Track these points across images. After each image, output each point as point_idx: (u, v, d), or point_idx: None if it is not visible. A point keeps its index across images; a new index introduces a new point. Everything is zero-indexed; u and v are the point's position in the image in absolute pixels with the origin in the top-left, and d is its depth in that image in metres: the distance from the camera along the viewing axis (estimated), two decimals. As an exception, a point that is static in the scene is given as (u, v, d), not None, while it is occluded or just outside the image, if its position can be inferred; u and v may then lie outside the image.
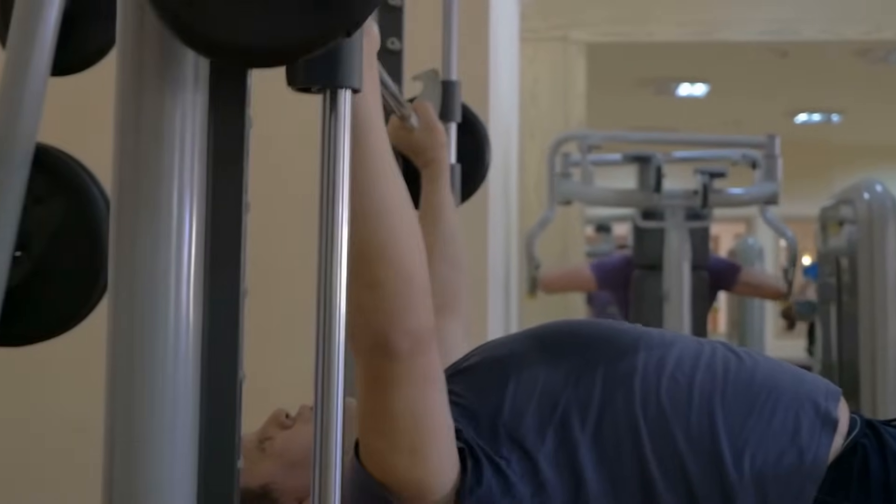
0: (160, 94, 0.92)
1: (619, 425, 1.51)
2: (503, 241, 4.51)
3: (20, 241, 1.57)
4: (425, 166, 2.14)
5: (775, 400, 1.55)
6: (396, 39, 2.24)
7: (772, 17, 6.96)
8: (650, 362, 1.57)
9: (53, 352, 1.80)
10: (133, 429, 0.90)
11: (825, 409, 1.55)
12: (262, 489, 1.62)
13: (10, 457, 1.86)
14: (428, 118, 2.13)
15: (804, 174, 9.80)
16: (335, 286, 1.00)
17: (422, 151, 2.13)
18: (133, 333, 0.85)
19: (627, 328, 1.69)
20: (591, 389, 1.54)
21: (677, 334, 1.72)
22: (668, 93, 9.82)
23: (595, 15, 6.87)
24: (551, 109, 6.71)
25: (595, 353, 1.59)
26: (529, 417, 1.52)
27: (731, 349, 1.64)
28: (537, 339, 1.68)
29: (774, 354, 1.80)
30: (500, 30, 4.10)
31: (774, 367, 1.64)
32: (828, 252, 5.68)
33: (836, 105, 10.47)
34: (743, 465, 1.49)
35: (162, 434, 0.90)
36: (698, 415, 1.52)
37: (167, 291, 0.91)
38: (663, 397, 1.53)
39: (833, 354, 5.54)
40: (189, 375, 0.92)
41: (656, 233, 5.36)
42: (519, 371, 1.57)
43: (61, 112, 1.95)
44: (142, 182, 0.92)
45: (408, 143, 2.12)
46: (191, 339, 0.92)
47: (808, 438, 1.52)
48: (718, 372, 1.57)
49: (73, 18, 1.64)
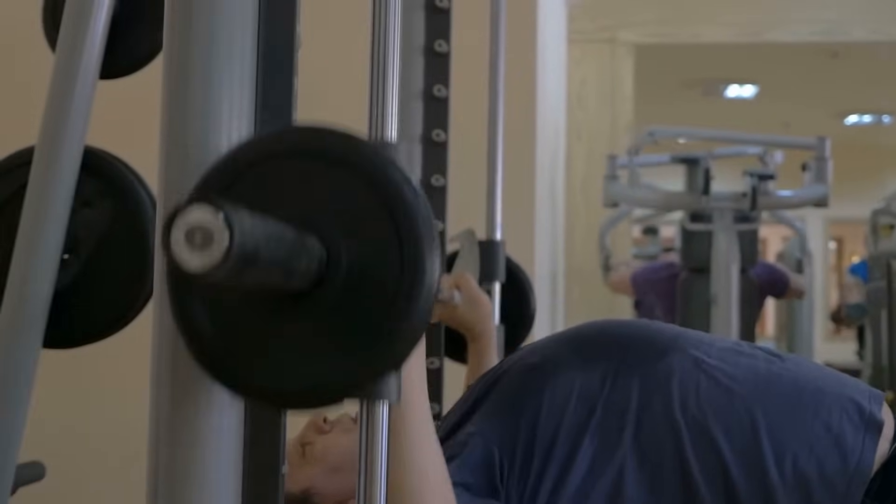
0: (206, 102, 0.92)
1: (659, 428, 1.49)
2: (549, 241, 4.50)
3: (68, 244, 1.58)
4: (473, 340, 2.11)
5: (818, 402, 1.52)
6: (444, 42, 2.23)
7: (821, 17, 6.91)
8: (687, 363, 1.54)
9: (100, 354, 1.81)
10: (177, 432, 0.90)
11: (869, 411, 1.52)
12: (304, 493, 1.62)
13: (56, 458, 1.88)
14: (471, 292, 2.09)
15: (854, 176, 9.73)
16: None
17: (469, 326, 2.10)
18: (177, 336, 0.85)
19: (664, 328, 1.66)
20: (629, 393, 1.52)
21: (714, 336, 1.70)
22: (716, 94, 9.77)
23: (643, 16, 6.85)
24: (598, 111, 6.70)
25: (631, 356, 1.57)
26: (567, 423, 1.50)
27: (770, 352, 1.62)
28: (571, 342, 1.66)
29: (823, 358, 1.78)
30: (548, 31, 4.09)
31: (815, 369, 1.61)
32: (878, 255, 5.63)
33: (887, 106, 10.37)
34: (785, 468, 1.46)
35: (207, 438, 0.90)
36: (739, 416, 1.49)
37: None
38: (703, 399, 1.51)
39: (883, 358, 5.49)
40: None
41: (704, 235, 5.33)
42: (554, 377, 1.55)
43: (110, 115, 1.95)
44: (187, 187, 0.92)
45: (454, 319, 2.09)
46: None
47: (852, 441, 1.49)
48: (760, 373, 1.55)
49: (121, 21, 1.64)
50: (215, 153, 0.90)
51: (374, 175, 0.83)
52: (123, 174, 1.64)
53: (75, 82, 1.58)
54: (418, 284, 0.82)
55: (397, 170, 0.83)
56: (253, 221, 0.74)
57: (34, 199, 1.56)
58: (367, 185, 0.83)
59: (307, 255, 0.81)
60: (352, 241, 0.83)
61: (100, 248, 1.61)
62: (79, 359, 1.83)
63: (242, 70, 0.94)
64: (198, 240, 0.71)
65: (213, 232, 0.70)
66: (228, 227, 0.71)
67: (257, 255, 0.74)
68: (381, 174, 0.83)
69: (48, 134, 1.57)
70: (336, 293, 0.83)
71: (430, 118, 2.21)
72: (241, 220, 0.72)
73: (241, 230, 0.71)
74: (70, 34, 1.59)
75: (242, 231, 0.71)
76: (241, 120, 0.93)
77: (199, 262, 0.71)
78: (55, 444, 2.73)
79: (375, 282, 0.82)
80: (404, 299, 0.82)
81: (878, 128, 11.19)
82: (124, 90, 1.79)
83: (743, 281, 5.27)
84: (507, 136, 2.39)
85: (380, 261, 0.83)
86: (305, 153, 0.85)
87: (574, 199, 6.44)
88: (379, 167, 0.83)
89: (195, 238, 0.71)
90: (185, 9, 0.93)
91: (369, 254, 0.83)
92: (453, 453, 1.48)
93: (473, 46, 2.41)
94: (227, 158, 0.86)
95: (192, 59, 0.93)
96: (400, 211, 0.83)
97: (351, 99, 1.08)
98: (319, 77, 2.50)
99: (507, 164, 2.40)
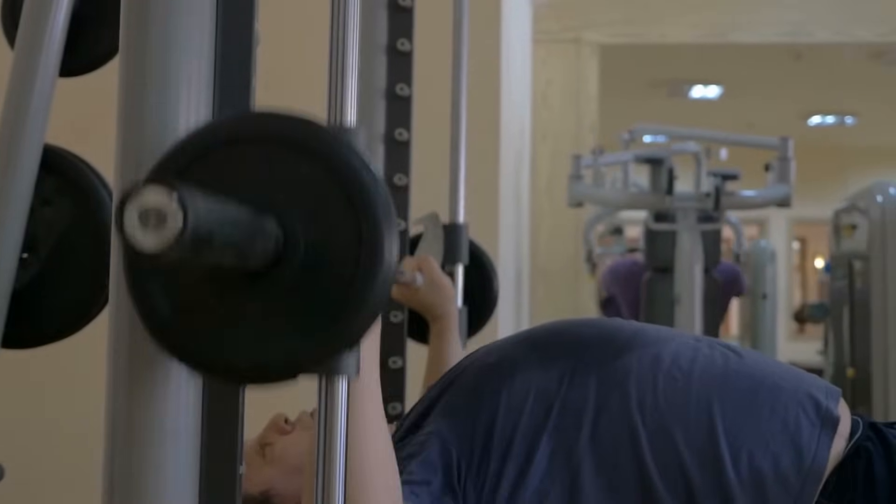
0: (162, 101, 0.92)
1: (616, 427, 1.49)
2: (514, 240, 4.50)
3: (27, 243, 1.56)
4: (434, 321, 2.12)
5: (774, 398, 1.51)
6: (407, 40, 2.23)
7: (786, 18, 6.95)
8: (645, 360, 1.54)
9: (59, 354, 1.80)
10: (133, 433, 0.89)
11: (826, 407, 1.52)
12: (263, 495, 1.61)
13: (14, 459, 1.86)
14: (433, 275, 2.10)
15: (817, 177, 9.79)
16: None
17: (430, 308, 2.11)
18: (134, 337, 0.84)
19: (622, 325, 1.66)
20: (586, 391, 1.51)
21: (673, 331, 1.69)
22: (681, 95, 9.81)
23: (608, 16, 6.86)
24: (563, 112, 6.71)
25: (589, 354, 1.56)
26: (523, 423, 1.50)
27: (728, 347, 1.61)
28: (529, 341, 1.65)
29: (786, 357, 1.79)
30: (513, 30, 4.09)
31: (773, 365, 1.61)
32: (840, 255, 5.66)
33: (850, 107, 10.45)
34: (741, 465, 1.46)
35: (163, 439, 0.90)
36: (696, 414, 1.49)
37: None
38: (660, 397, 1.50)
39: (845, 357, 5.53)
40: (191, 379, 0.91)
41: (668, 235, 5.35)
42: (512, 377, 1.54)
43: (69, 113, 1.94)
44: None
45: (415, 301, 2.11)
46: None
47: (807, 438, 1.48)
48: (717, 370, 1.54)
49: (81, 18, 1.63)
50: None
51: (332, 159, 0.84)
52: (83, 172, 1.62)
53: (35, 80, 1.57)
54: (376, 264, 0.83)
55: (355, 154, 0.84)
56: (207, 203, 0.74)
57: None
58: (326, 169, 0.84)
59: (263, 236, 0.82)
60: (309, 222, 0.84)
61: (59, 247, 1.60)
62: (37, 358, 1.81)
63: (200, 66, 0.94)
64: (152, 221, 0.71)
65: (166, 213, 0.71)
66: (182, 208, 0.71)
67: (211, 236, 0.75)
68: (338, 158, 0.84)
69: (7, 132, 1.56)
70: (293, 273, 0.84)
71: (392, 117, 2.21)
72: (194, 202, 0.72)
73: (195, 211, 0.72)
74: (29, 31, 1.58)
75: (196, 212, 0.72)
76: (198, 116, 0.93)
77: (152, 242, 0.71)
78: (14, 444, 2.71)
79: (333, 262, 0.83)
80: (361, 279, 0.83)
81: (842, 129, 11.26)
82: (84, 88, 1.77)
83: (706, 281, 5.30)
84: (470, 135, 2.39)
85: (338, 241, 0.84)
86: (263, 138, 0.85)
87: (539, 199, 6.44)
88: (336, 151, 0.84)
89: (149, 219, 0.72)
90: (141, 5, 0.93)
91: (327, 235, 0.84)
92: (412, 452, 1.48)
93: (437, 45, 2.41)
94: (183, 142, 0.87)
95: (148, 54, 0.92)
96: (357, 193, 0.84)
97: (313, 97, 1.07)
98: (281, 75, 2.49)
99: (471, 163, 2.39)
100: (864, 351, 5.27)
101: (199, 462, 0.92)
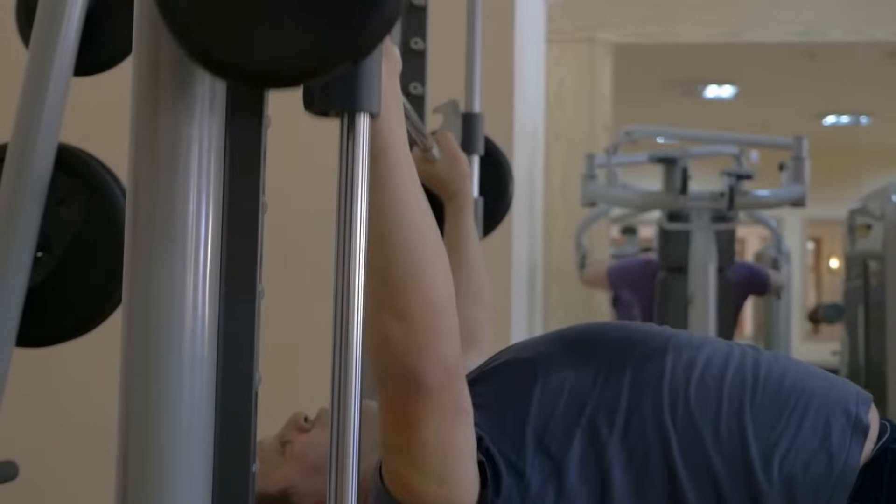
0: (176, 99, 0.91)
1: (648, 428, 1.49)
2: (528, 241, 4.50)
3: (41, 242, 1.57)
4: (449, 199, 2.10)
5: (805, 404, 1.52)
6: (420, 40, 2.23)
7: (799, 18, 6.93)
8: (679, 365, 1.55)
9: (74, 353, 1.80)
10: (147, 432, 0.89)
11: (856, 414, 1.53)
12: (282, 493, 1.61)
13: (29, 457, 1.86)
14: (450, 149, 2.10)
15: (832, 176, 9.77)
16: (352, 294, 0.98)
17: (445, 184, 2.09)
18: (147, 336, 0.84)
19: (656, 330, 1.66)
20: (619, 392, 1.52)
21: (706, 337, 1.70)
22: (695, 95, 9.79)
23: (622, 16, 6.85)
24: (577, 111, 6.70)
25: (623, 356, 1.57)
26: (556, 419, 1.50)
27: (760, 352, 1.62)
28: (564, 341, 1.66)
29: (800, 358, 1.78)
30: (526, 30, 4.09)
31: (805, 371, 1.61)
32: (855, 255, 5.65)
33: (865, 107, 10.42)
34: (772, 470, 1.47)
35: (176, 437, 0.90)
36: (727, 419, 1.50)
37: (183, 294, 0.91)
38: (692, 401, 1.51)
39: (860, 358, 5.51)
40: (204, 378, 0.91)
41: (682, 235, 5.33)
42: (546, 373, 1.55)
43: (84, 112, 1.94)
44: (158, 184, 0.91)
45: (430, 175, 2.08)
46: (206, 341, 0.91)
47: (838, 444, 1.49)
48: (748, 375, 1.55)
49: (95, 18, 1.63)
50: (186, 146, 0.89)
51: None
52: (97, 171, 1.63)
53: (49, 79, 1.57)
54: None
55: None
56: None
57: (7, 196, 1.55)
58: None
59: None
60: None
61: (73, 246, 1.61)
62: (52, 356, 1.82)
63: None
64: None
65: None
66: None
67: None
68: None
69: (21, 131, 1.56)
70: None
71: (406, 116, 2.20)
72: None
73: None
74: (44, 31, 1.58)
75: None
76: (212, 112, 0.93)
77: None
78: (28, 442, 2.72)
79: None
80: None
81: (856, 128, 11.23)
82: (99, 87, 1.78)
83: (720, 280, 5.28)
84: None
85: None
86: None
87: (553, 198, 6.44)
88: None
89: None
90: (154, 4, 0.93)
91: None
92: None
93: (451, 44, 2.41)
94: None
95: (162, 53, 0.92)
96: None
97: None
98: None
99: (484, 163, 2.39)
100: (879, 351, 5.25)
101: (212, 459, 0.92)
